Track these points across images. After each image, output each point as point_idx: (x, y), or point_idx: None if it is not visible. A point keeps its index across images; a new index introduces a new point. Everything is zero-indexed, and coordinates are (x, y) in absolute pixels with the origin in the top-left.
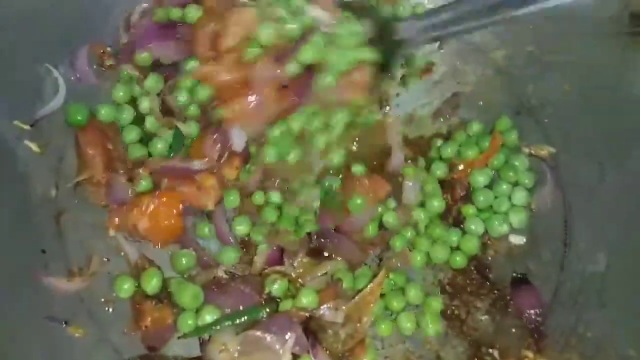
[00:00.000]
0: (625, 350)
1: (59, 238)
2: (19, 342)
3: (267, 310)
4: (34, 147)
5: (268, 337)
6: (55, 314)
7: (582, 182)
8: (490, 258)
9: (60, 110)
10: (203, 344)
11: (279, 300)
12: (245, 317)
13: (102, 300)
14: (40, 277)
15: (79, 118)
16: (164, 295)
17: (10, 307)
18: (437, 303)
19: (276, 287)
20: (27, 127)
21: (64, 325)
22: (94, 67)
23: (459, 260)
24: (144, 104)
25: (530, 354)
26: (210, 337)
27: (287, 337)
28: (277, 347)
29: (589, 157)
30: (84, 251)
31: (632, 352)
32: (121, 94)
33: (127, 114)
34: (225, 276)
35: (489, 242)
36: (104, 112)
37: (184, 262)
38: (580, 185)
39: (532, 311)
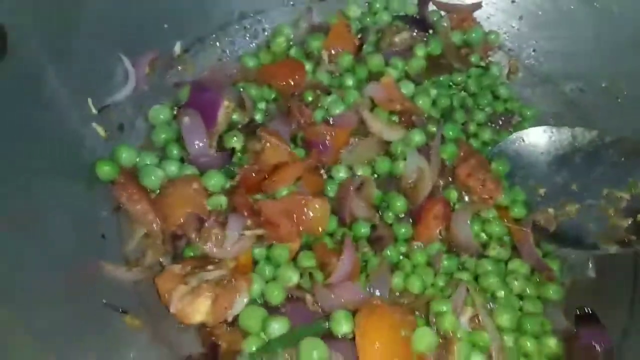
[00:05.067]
0: None
1: (118, 227)
2: (76, 332)
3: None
4: (100, 131)
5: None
6: (114, 303)
7: None
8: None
9: (128, 100)
10: None
11: None
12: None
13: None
14: (98, 262)
15: (106, 172)
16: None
17: (69, 292)
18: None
19: None
20: (95, 111)
21: (121, 312)
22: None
23: None
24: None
25: None
26: None
27: None
28: None
29: None
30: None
31: None
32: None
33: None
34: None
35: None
36: (125, 157)
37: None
38: None
39: (600, 344)
